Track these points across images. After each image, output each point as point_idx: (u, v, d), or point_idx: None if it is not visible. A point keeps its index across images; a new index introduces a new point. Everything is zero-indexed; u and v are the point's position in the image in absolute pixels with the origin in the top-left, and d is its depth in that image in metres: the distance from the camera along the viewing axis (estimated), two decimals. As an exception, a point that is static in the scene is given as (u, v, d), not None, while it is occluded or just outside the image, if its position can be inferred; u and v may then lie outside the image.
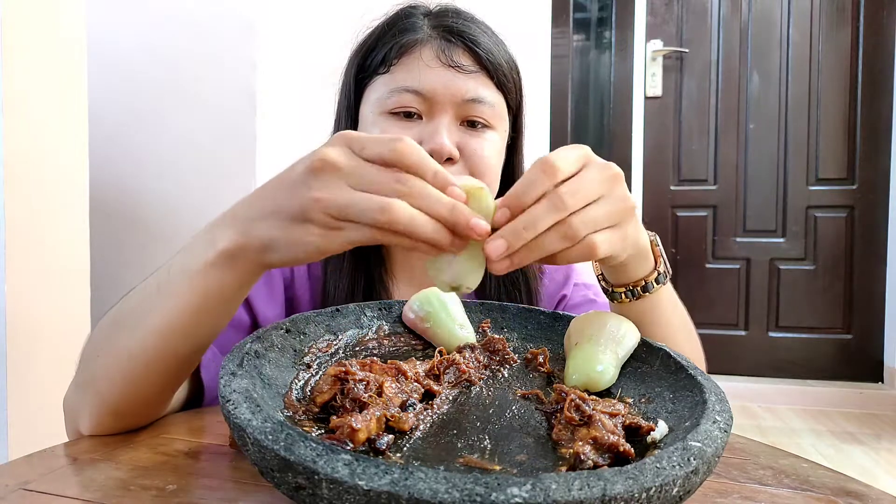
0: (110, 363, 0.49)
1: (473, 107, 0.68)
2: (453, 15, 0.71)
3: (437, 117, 0.67)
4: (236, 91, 1.93)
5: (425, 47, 0.68)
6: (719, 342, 2.81)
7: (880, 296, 2.69)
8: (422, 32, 0.69)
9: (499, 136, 0.71)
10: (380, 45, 0.70)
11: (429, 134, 0.67)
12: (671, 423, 0.41)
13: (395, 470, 0.28)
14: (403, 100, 0.67)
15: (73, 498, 0.39)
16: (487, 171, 0.69)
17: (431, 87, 0.66)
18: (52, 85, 1.19)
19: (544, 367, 0.52)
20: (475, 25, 0.71)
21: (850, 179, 2.70)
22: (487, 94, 0.69)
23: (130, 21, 2.00)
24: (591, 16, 2.88)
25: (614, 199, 0.43)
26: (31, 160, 1.14)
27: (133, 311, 0.49)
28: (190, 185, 1.96)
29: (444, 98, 0.67)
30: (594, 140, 2.89)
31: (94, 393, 0.50)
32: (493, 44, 0.70)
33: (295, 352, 0.48)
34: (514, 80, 0.73)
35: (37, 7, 1.14)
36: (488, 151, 0.69)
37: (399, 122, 0.68)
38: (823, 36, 2.69)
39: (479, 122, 0.69)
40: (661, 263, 0.57)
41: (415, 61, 0.68)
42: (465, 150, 0.68)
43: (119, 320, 0.50)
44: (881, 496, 0.43)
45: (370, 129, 0.69)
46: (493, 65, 0.69)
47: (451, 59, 0.67)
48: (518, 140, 0.78)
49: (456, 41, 0.68)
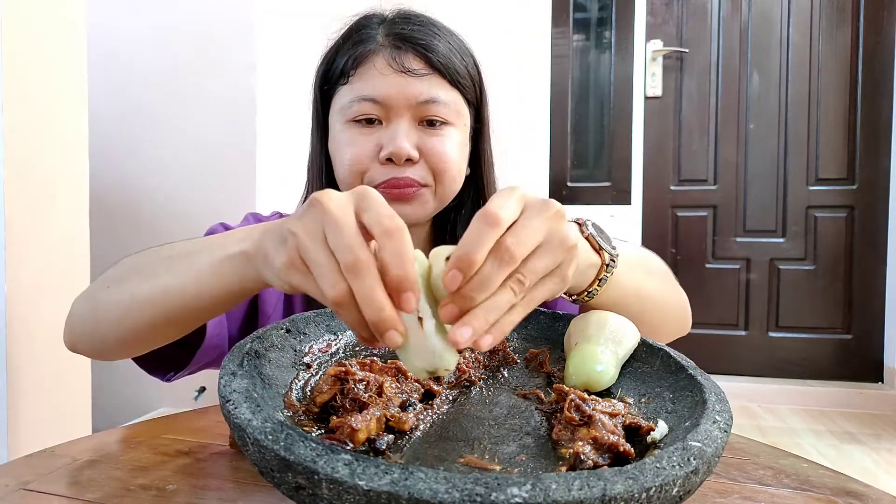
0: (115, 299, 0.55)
1: (429, 107, 0.71)
2: (403, 21, 0.74)
3: (394, 121, 0.71)
4: (236, 91, 1.93)
5: (377, 56, 0.72)
6: (719, 342, 2.81)
7: (880, 296, 2.69)
8: (373, 43, 0.73)
9: (458, 130, 0.75)
10: (339, 57, 0.75)
11: (388, 138, 0.70)
12: (671, 423, 0.41)
13: (395, 470, 0.28)
14: (363, 108, 0.71)
15: (73, 498, 0.39)
16: (447, 166, 0.73)
17: (386, 94, 0.70)
18: (53, 85, 1.19)
19: (544, 367, 0.52)
20: (426, 28, 0.74)
21: (850, 179, 2.70)
22: (441, 94, 0.72)
23: (131, 22, 2.00)
24: (591, 16, 2.88)
25: (554, 244, 0.40)
26: (31, 160, 1.14)
27: (154, 263, 0.55)
28: (190, 185, 1.96)
29: (399, 103, 0.71)
30: (594, 140, 2.90)
31: (91, 318, 0.58)
32: (445, 44, 0.74)
33: (295, 352, 0.48)
34: (469, 75, 0.76)
35: (37, 7, 1.15)
36: (448, 147, 0.73)
37: (362, 128, 0.72)
38: (823, 36, 2.69)
39: (436, 120, 0.72)
40: (604, 254, 0.56)
41: (369, 70, 0.72)
42: (424, 149, 0.71)
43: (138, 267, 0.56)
44: (881, 496, 0.43)
45: (339, 137, 0.74)
46: (444, 65, 0.72)
47: (403, 66, 0.70)
48: (483, 130, 0.81)
49: (406, 47, 0.72)
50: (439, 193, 0.74)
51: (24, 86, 1.12)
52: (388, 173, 0.71)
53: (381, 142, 0.71)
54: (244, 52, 1.92)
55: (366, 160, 0.71)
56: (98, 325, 0.57)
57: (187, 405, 1.88)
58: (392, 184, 0.70)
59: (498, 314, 0.37)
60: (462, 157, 0.76)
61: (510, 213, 0.39)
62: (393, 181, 0.70)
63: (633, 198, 2.82)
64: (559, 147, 2.85)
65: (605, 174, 2.86)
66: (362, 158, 0.71)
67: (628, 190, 2.83)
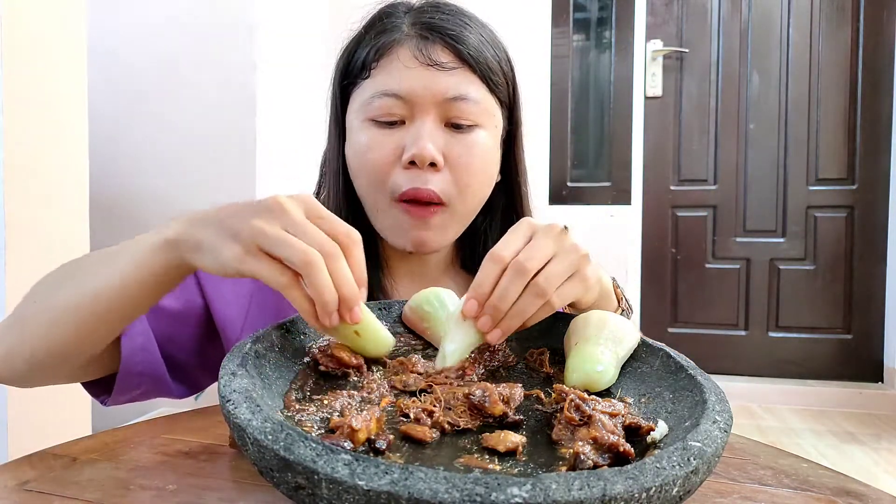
0: (43, 311, 0.54)
1: (457, 105, 0.65)
2: (431, 9, 0.68)
3: (418, 119, 0.65)
4: (236, 91, 1.93)
5: (402, 47, 0.66)
6: (719, 342, 2.81)
7: (880, 296, 2.69)
8: (398, 32, 0.67)
9: (488, 133, 0.69)
10: (360, 49, 0.69)
11: (412, 139, 0.65)
12: (671, 423, 0.41)
13: (395, 470, 0.28)
14: (384, 104, 0.65)
15: (73, 498, 0.39)
16: (472, 180, 0.67)
17: (410, 88, 0.64)
18: (53, 84, 1.19)
19: (544, 367, 0.52)
20: (456, 18, 0.68)
21: (850, 179, 2.70)
22: (471, 91, 0.66)
23: (131, 21, 2.00)
24: (591, 16, 2.88)
25: (566, 252, 0.48)
26: (31, 160, 1.14)
27: (78, 270, 0.55)
28: (190, 185, 1.96)
29: (425, 99, 0.65)
30: (594, 140, 2.90)
31: (18, 333, 0.55)
32: (476, 36, 0.68)
33: (295, 352, 0.48)
34: (502, 71, 0.70)
35: (38, 7, 1.15)
36: (475, 157, 0.67)
37: (382, 129, 0.66)
38: (823, 36, 2.69)
39: (464, 123, 0.66)
40: (623, 301, 0.64)
41: (393, 62, 0.66)
42: (449, 156, 0.66)
43: (63, 277, 0.56)
44: (881, 496, 0.43)
45: (357, 137, 0.68)
46: (475, 59, 0.66)
47: (430, 58, 0.64)
48: (517, 133, 0.75)
49: (433, 37, 0.65)
50: (460, 212, 0.69)
51: (24, 85, 1.12)
52: (410, 180, 0.65)
53: (403, 143, 0.65)
54: (244, 52, 1.92)
55: (387, 166, 0.66)
56: (25, 342, 0.55)
57: (187, 405, 1.89)
58: (412, 194, 0.65)
59: (522, 318, 0.47)
60: (491, 165, 0.71)
61: (515, 247, 0.47)
62: (413, 191, 0.65)
63: (633, 198, 2.82)
64: (559, 147, 2.85)
65: (605, 174, 2.86)
66: (383, 165, 0.66)
67: (628, 190, 2.82)
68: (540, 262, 0.47)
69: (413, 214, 0.66)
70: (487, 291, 0.46)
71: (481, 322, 0.47)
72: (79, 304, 0.52)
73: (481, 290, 0.47)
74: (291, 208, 0.44)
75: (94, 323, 0.53)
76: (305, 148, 2.14)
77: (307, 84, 2.27)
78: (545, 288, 0.46)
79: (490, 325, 0.47)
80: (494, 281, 0.46)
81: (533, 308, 0.47)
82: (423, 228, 0.67)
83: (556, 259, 0.48)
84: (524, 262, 0.46)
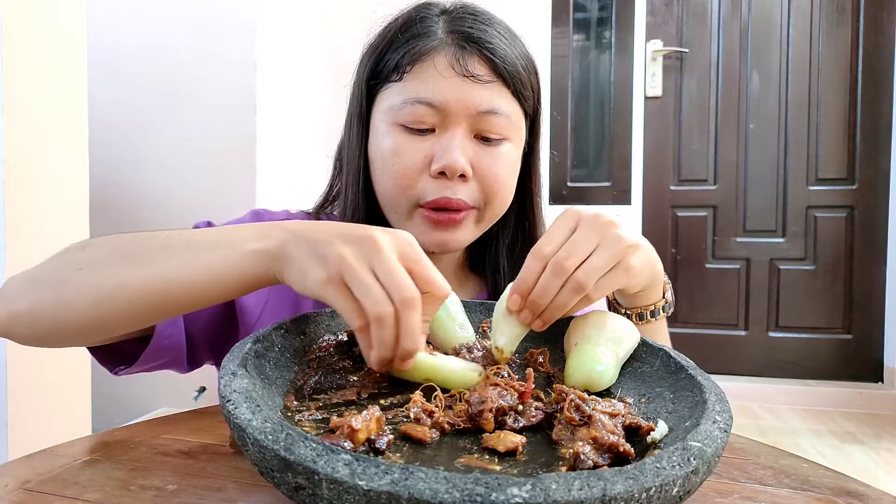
0: (90, 283, 0.50)
1: (488, 119, 0.66)
2: (470, 18, 0.68)
3: (450, 130, 0.66)
4: (236, 91, 1.93)
5: (439, 55, 0.65)
6: (719, 342, 2.81)
7: (880, 296, 2.69)
8: (436, 38, 0.66)
9: (514, 146, 0.70)
10: (392, 50, 0.68)
11: (442, 149, 0.65)
12: (671, 423, 0.41)
13: (395, 470, 0.28)
14: (416, 112, 0.65)
15: (73, 498, 0.39)
16: (500, 189, 0.68)
17: (444, 99, 0.64)
18: (53, 85, 1.19)
19: (544, 367, 0.52)
20: (492, 28, 0.68)
21: (850, 179, 2.70)
22: (503, 105, 0.67)
23: (131, 20, 2.00)
24: (591, 16, 2.88)
25: (609, 244, 0.50)
26: (31, 160, 1.14)
27: (137, 251, 0.51)
28: (190, 185, 1.96)
29: (458, 110, 0.65)
30: (594, 140, 2.90)
31: (52, 297, 0.51)
32: (511, 49, 0.68)
33: (295, 352, 0.48)
34: (531, 84, 0.70)
35: (37, 7, 1.14)
36: (503, 168, 0.68)
37: (411, 136, 0.66)
38: (823, 36, 2.69)
39: (493, 137, 0.67)
40: (669, 292, 0.65)
41: (427, 70, 0.65)
42: (478, 167, 0.66)
43: (112, 252, 0.52)
44: (881, 496, 0.43)
45: (383, 140, 0.68)
46: (509, 73, 0.66)
47: (466, 69, 0.64)
48: (535, 145, 0.76)
49: (471, 48, 0.65)
50: (487, 217, 0.70)
51: (24, 85, 1.12)
52: (439, 190, 0.65)
53: (432, 152, 0.65)
54: (244, 52, 1.92)
55: (414, 173, 0.66)
56: (60, 307, 0.51)
57: (187, 405, 1.88)
58: (444, 203, 0.65)
59: (563, 311, 0.50)
60: (514, 177, 0.72)
61: (558, 241, 0.50)
62: (444, 200, 0.65)
63: (633, 198, 2.82)
64: (559, 147, 2.85)
65: (605, 174, 2.86)
66: (410, 172, 0.66)
67: (628, 190, 2.82)
68: (580, 257, 0.49)
69: (442, 221, 0.67)
70: (530, 287, 0.50)
71: (523, 315, 0.50)
72: (143, 286, 0.49)
73: (524, 286, 0.50)
74: (385, 247, 0.43)
75: (156, 307, 0.50)
76: (305, 148, 2.14)
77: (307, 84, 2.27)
78: (584, 283, 0.49)
79: (531, 318, 0.50)
80: (536, 277, 0.49)
81: (572, 302, 0.49)
82: (448, 231, 0.68)
83: (598, 251, 0.50)
84: (563, 260, 0.49)
